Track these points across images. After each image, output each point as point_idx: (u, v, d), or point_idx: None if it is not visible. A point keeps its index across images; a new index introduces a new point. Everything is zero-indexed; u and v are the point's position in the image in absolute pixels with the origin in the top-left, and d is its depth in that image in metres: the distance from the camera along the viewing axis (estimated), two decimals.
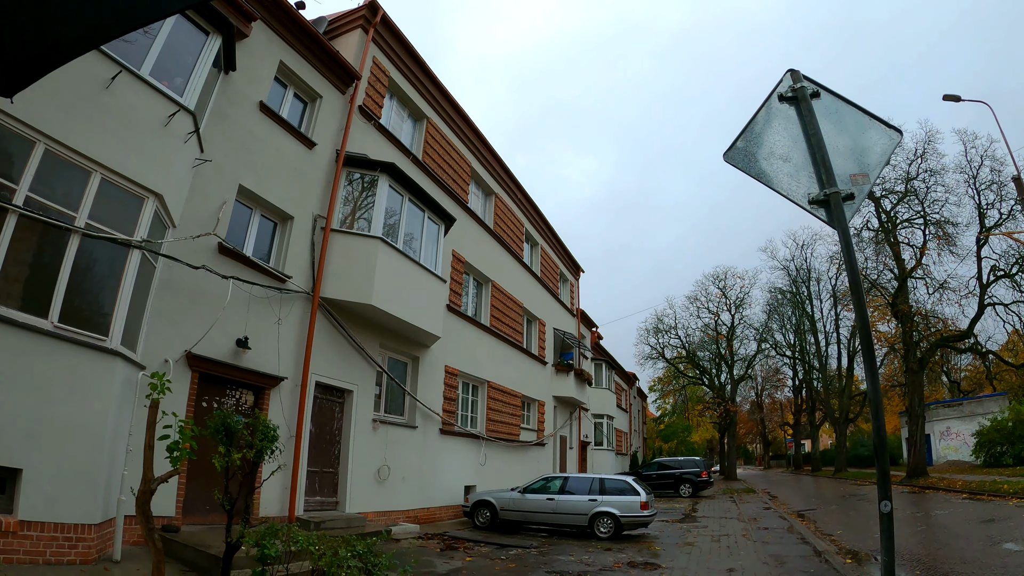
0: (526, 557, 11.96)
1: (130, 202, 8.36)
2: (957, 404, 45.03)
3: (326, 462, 13.35)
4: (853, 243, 3.46)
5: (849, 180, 3.49)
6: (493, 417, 20.16)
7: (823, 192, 3.42)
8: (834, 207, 3.37)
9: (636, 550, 12.98)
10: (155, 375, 6.23)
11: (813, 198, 3.47)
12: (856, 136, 3.63)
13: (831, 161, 3.48)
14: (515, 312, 22.75)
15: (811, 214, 3.59)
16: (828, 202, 3.39)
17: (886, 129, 3.61)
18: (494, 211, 22.00)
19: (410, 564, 6.53)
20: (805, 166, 3.59)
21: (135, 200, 8.40)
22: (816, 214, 3.52)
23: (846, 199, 3.40)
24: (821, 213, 3.48)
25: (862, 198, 3.53)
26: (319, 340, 12.83)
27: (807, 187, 3.54)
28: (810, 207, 3.52)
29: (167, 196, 8.81)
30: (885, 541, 3.04)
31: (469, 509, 16.32)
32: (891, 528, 3.04)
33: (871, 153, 3.58)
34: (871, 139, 3.61)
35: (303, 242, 12.88)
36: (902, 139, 3.68)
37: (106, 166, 7.92)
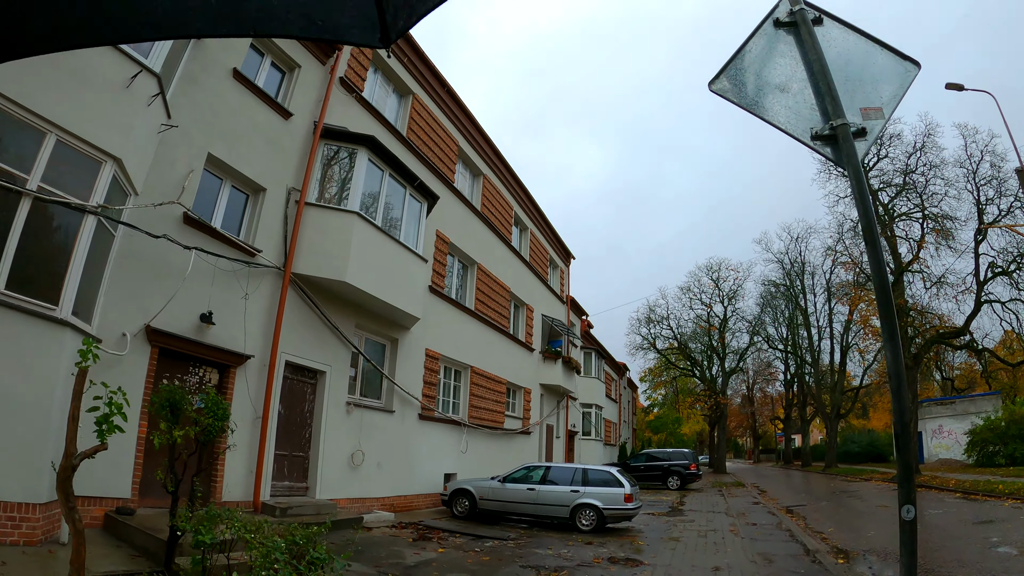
0: (501, 550, 11.38)
1: (87, 166, 7.86)
2: (950, 402, 44.63)
3: (296, 446, 12.76)
4: (866, 184, 2.84)
5: (860, 113, 2.87)
6: (476, 404, 19.56)
7: (828, 125, 2.78)
8: (842, 142, 2.73)
9: (618, 544, 12.42)
10: (85, 341, 5.64)
11: (817, 133, 2.83)
12: (866, 67, 2.98)
13: (838, 92, 2.86)
14: (502, 297, 22.12)
15: (815, 152, 2.98)
16: (835, 137, 2.76)
17: (901, 60, 2.97)
18: (482, 192, 21.32)
19: (342, 561, 5.86)
20: (806, 97, 2.95)
21: (92, 164, 7.90)
22: (821, 152, 2.89)
23: (857, 135, 2.77)
24: (827, 151, 2.86)
25: (876, 135, 2.90)
26: (290, 318, 12.24)
27: (809, 121, 2.91)
28: (813, 143, 2.89)
29: (127, 161, 8.26)
30: (906, 557, 2.43)
31: (447, 498, 15.73)
32: (914, 540, 2.43)
33: (884, 86, 2.94)
34: (884, 71, 2.96)
35: (275, 216, 12.26)
36: (919, 72, 3.03)
37: (61, 127, 7.42)
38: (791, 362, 59.62)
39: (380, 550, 10.56)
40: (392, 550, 10.68)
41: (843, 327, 49.22)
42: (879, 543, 12.71)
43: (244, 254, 11.34)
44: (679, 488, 30.00)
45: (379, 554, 10.21)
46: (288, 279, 12.11)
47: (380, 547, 10.83)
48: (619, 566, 10.16)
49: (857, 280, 37.92)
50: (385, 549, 10.70)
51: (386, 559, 9.91)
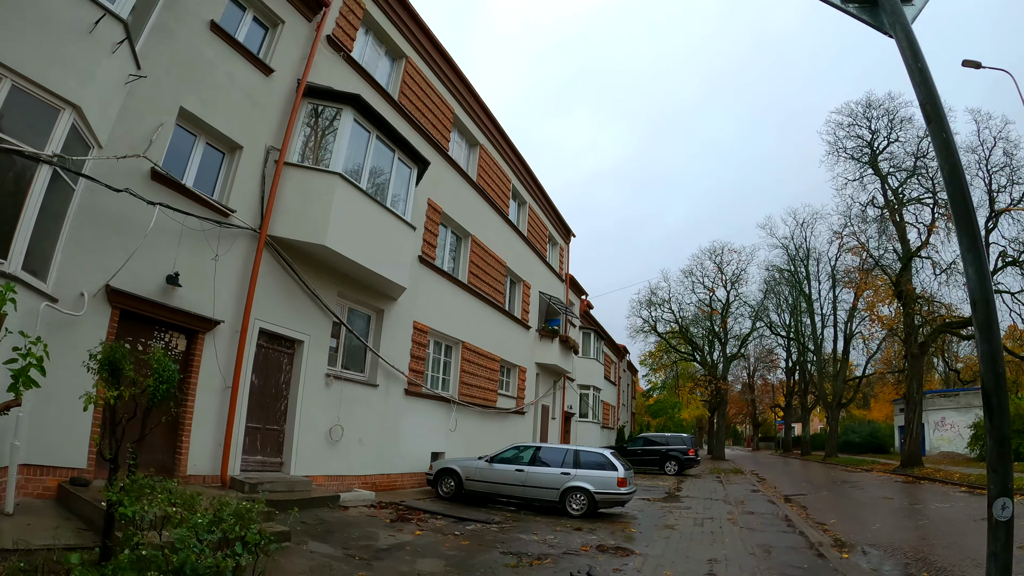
0: (483, 534, 10.63)
1: (43, 113, 7.24)
2: (953, 394, 44.06)
3: (271, 418, 12.05)
4: (922, 51, 2.04)
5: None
6: (467, 380, 18.78)
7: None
8: (887, 5, 1.93)
9: (609, 531, 11.67)
10: (5, 286, 4.93)
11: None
12: None
13: None
14: (497, 271, 21.26)
15: (855, 18, 2.18)
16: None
17: None
18: (478, 163, 20.40)
19: (274, 545, 5.14)
20: None
21: (49, 111, 7.28)
22: (861, 17, 2.10)
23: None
24: (867, 15, 2.06)
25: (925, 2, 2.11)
26: (265, 283, 11.50)
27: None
28: (852, 7, 2.10)
29: (88, 110, 7.60)
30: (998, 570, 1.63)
31: (433, 477, 14.99)
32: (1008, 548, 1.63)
33: None
34: None
35: (252, 175, 11.47)
36: None
37: (15, 71, 6.79)
38: (793, 349, 59.00)
39: (353, 531, 9.83)
40: (366, 531, 9.95)
41: (847, 315, 48.52)
42: (885, 537, 11.99)
43: (216, 214, 10.59)
44: (676, 473, 29.28)
45: (351, 535, 9.48)
46: (263, 241, 11.34)
47: (354, 527, 10.11)
48: (607, 555, 9.40)
49: (863, 265, 36.98)
50: (359, 530, 9.98)
51: (357, 540, 9.17)
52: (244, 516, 4.98)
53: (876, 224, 34.72)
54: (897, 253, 33.63)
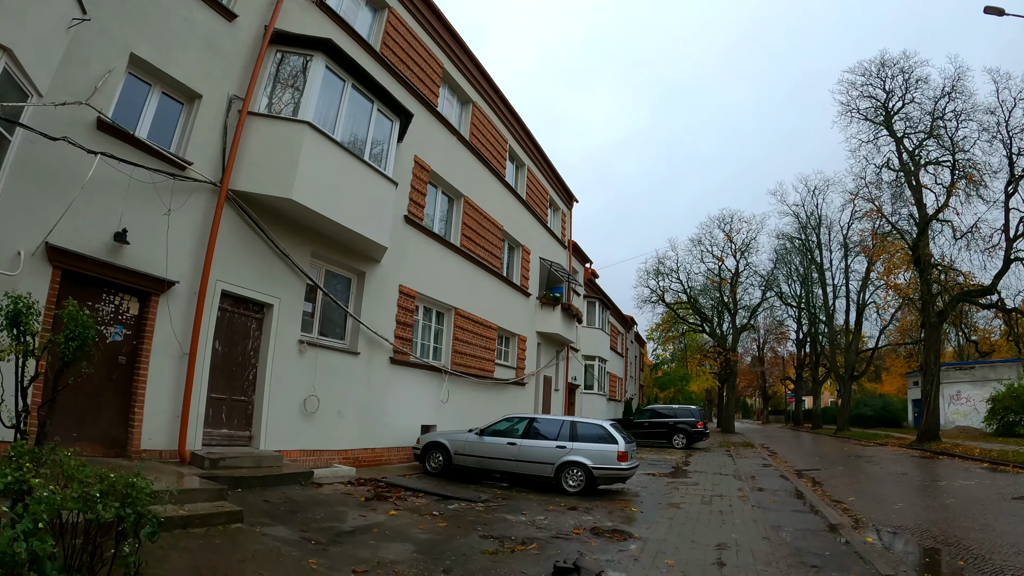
0: (465, 515, 9.57)
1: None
2: (969, 367, 42.91)
3: (237, 388, 11.03)
4: None
5: None
6: (461, 349, 17.67)
7: None
8: None
9: (607, 511, 10.59)
10: None
11: None
12: None
13: None
14: (493, 235, 20.04)
15: None
16: None
17: None
18: (471, 121, 19.08)
19: (154, 529, 4.11)
20: None
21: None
22: None
23: None
24: None
25: None
26: (228, 241, 10.47)
27: None
28: None
29: (21, 54, 6.86)
30: None
31: (420, 452, 13.96)
32: None
33: None
34: None
35: (213, 126, 10.41)
36: None
37: None
38: (804, 321, 57.74)
39: (320, 510, 8.83)
40: (335, 511, 8.95)
41: (860, 284, 47.23)
42: (910, 517, 10.89)
43: (171, 166, 9.59)
44: (684, 447, 28.24)
45: (315, 515, 8.47)
46: (224, 196, 10.29)
47: (322, 507, 9.10)
48: (602, 539, 8.32)
49: (878, 230, 35.50)
50: (327, 509, 8.97)
51: (321, 522, 8.17)
52: (134, 491, 3.92)
53: (891, 188, 33.33)
54: (913, 218, 32.25)
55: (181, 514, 6.88)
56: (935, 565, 7.88)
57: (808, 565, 7.20)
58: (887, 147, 33.22)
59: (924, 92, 31.37)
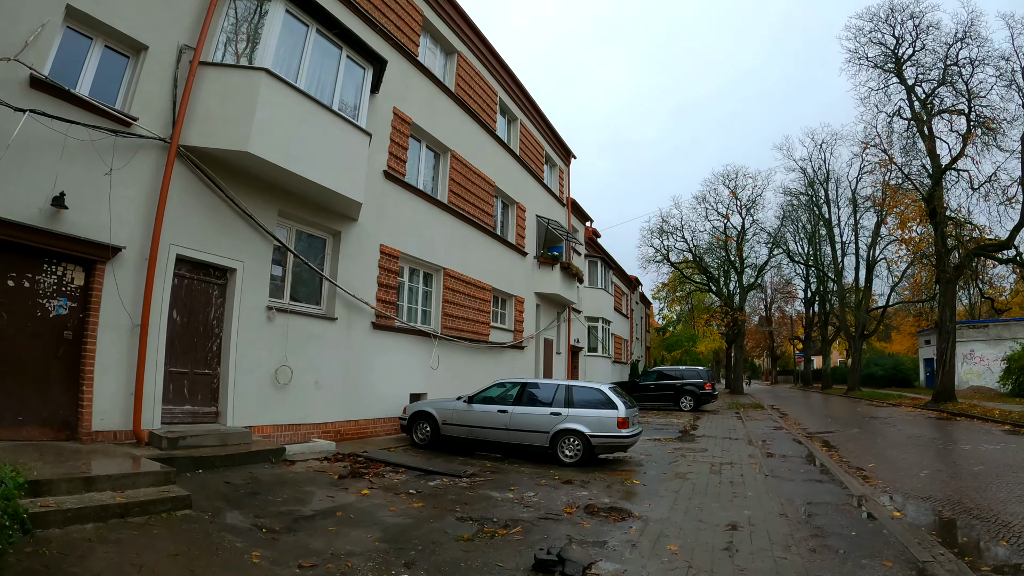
0: (446, 492, 8.59)
1: None
2: (982, 326, 41.84)
3: (200, 361, 10.05)
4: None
5: None
6: (452, 312, 16.63)
7: None
8: None
9: (605, 484, 9.60)
10: None
11: None
12: None
13: None
14: (484, 191, 18.87)
15: None
16: None
17: None
18: (456, 73, 17.79)
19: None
20: None
21: None
22: None
23: None
24: None
25: None
26: (183, 202, 9.46)
27: None
28: None
29: None
30: None
31: (406, 422, 13.00)
32: None
33: None
34: None
35: (161, 79, 9.30)
36: None
37: None
38: (812, 279, 56.52)
39: (284, 491, 7.91)
40: (301, 492, 8.02)
41: (870, 240, 45.91)
42: (939, 487, 9.91)
43: (114, 123, 8.56)
44: (692, 410, 27.17)
45: (277, 498, 7.55)
46: (175, 152, 9.22)
47: (288, 487, 8.18)
48: (597, 520, 7.32)
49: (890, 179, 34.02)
50: (293, 490, 8.05)
51: (281, 505, 7.25)
52: None
53: (903, 139, 31.94)
54: (927, 169, 30.90)
55: (119, 501, 6.09)
56: (974, 546, 6.89)
57: (833, 550, 6.19)
58: (898, 96, 31.83)
59: (936, 38, 29.86)
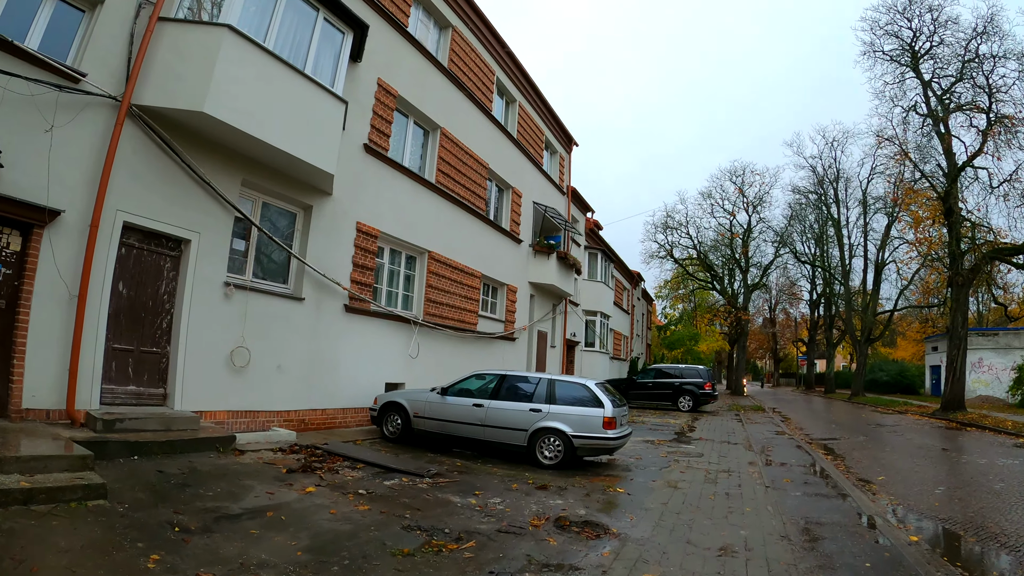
0: (401, 494, 7.55)
1: None
2: (992, 333, 40.67)
3: (147, 338, 9.15)
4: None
5: None
6: (436, 298, 15.59)
7: None
8: None
9: (584, 492, 8.53)
10: None
11: None
12: None
13: None
14: (476, 173, 17.79)
15: None
16: None
17: None
18: (450, 48, 16.71)
19: None
20: None
21: None
22: None
23: None
24: None
25: None
26: (133, 165, 8.64)
27: None
28: None
29: None
30: None
31: (377, 414, 12.00)
32: None
33: None
34: None
35: (118, 35, 8.53)
36: None
37: None
38: (818, 281, 55.42)
39: (220, 485, 6.95)
40: (240, 485, 7.08)
41: (879, 243, 44.78)
42: (957, 507, 8.88)
43: (58, 77, 7.75)
44: (691, 410, 26.05)
45: (209, 492, 6.61)
46: (125, 110, 8.36)
47: (225, 480, 7.23)
48: (566, 536, 6.26)
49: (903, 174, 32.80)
50: (230, 484, 7.08)
51: (210, 500, 6.33)
52: None
53: (917, 137, 30.81)
54: (942, 168, 29.76)
55: (23, 486, 5.47)
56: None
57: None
58: (913, 91, 30.72)
59: (954, 33, 28.69)
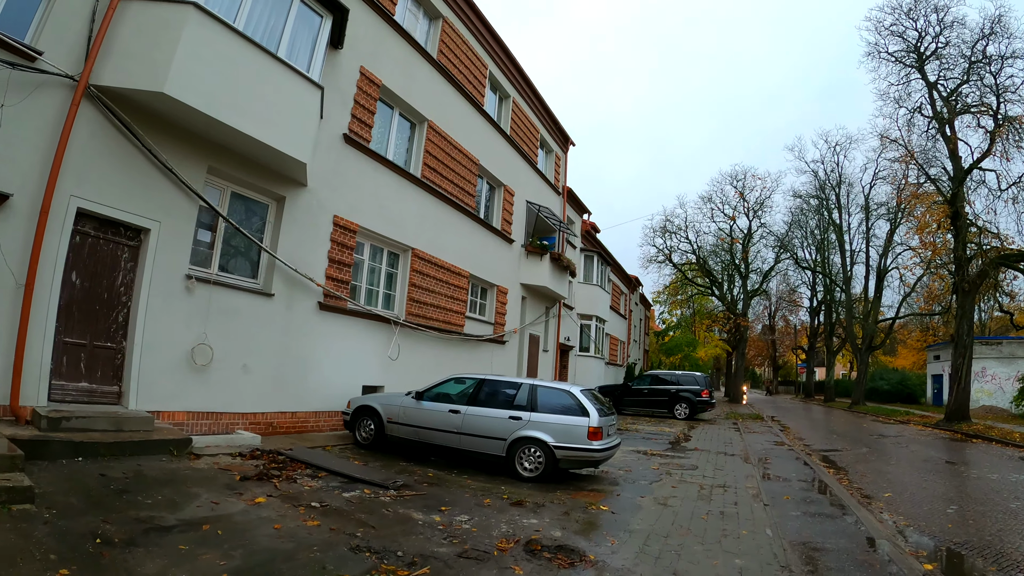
0: (358, 508, 6.79)
1: None
2: (995, 342, 40.00)
3: (102, 333, 8.54)
4: None
5: None
6: (420, 298, 14.86)
7: None
8: None
9: (563, 509, 7.77)
10: None
11: None
12: None
13: None
14: (466, 169, 17.06)
15: None
16: None
17: None
18: (440, 39, 16.01)
19: None
20: None
21: None
22: None
23: None
24: None
25: None
26: (90, 148, 8.07)
27: None
28: None
29: None
30: None
31: (350, 418, 11.27)
32: None
33: None
34: None
35: (81, 12, 8.02)
36: None
37: None
38: (819, 287, 54.76)
39: (163, 492, 6.31)
40: (185, 493, 6.43)
41: (881, 249, 44.10)
42: (974, 531, 8.12)
43: (13, 55, 7.30)
44: (687, 418, 25.22)
45: (148, 500, 5.97)
46: (82, 90, 7.82)
47: (171, 487, 6.58)
48: (535, 564, 5.49)
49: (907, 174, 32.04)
50: (175, 491, 6.44)
51: (149, 508, 5.72)
52: None
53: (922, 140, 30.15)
54: (948, 172, 29.10)
55: None
56: None
57: None
58: (919, 92, 30.09)
59: (961, 35, 28.05)
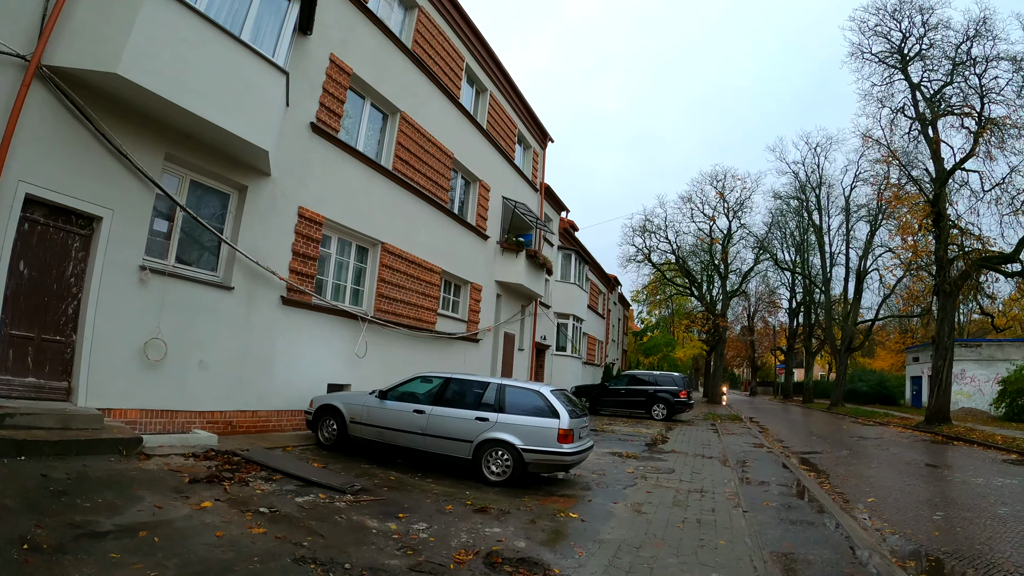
0: (310, 515, 6.33)
1: None
2: (975, 345, 40.14)
3: (50, 326, 8.11)
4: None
5: None
6: (389, 294, 14.40)
7: None
8: None
9: (529, 517, 7.35)
10: None
11: None
12: None
13: None
14: (440, 163, 16.60)
15: None
16: None
17: None
18: (415, 29, 15.57)
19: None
20: None
21: None
22: None
23: None
24: None
25: None
26: (40, 132, 7.63)
27: None
28: None
29: None
30: None
31: (312, 418, 10.80)
32: None
33: None
34: None
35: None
36: None
37: None
38: (798, 289, 54.80)
39: (104, 494, 5.93)
40: (128, 496, 6.03)
41: (861, 250, 44.17)
42: (963, 540, 7.80)
43: None
44: (665, 419, 24.89)
45: (87, 503, 5.60)
46: (33, 71, 7.38)
47: (114, 489, 6.18)
48: None
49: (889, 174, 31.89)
50: (117, 493, 6.04)
51: (86, 512, 5.38)
52: None
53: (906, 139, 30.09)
54: (930, 173, 29.03)
55: None
56: None
57: None
58: (902, 93, 30.02)
59: (945, 37, 27.98)
